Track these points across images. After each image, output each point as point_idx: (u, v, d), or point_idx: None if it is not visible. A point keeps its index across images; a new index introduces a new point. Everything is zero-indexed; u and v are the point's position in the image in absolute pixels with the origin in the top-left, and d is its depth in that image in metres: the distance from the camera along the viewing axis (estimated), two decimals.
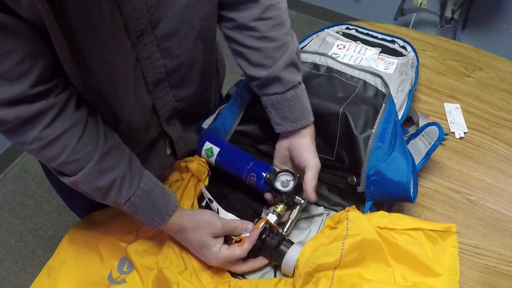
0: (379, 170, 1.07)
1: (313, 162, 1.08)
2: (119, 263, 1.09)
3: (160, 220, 1.00)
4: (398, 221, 1.03)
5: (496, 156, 1.35)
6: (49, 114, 0.84)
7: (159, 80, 1.03)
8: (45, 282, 1.08)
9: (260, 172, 1.13)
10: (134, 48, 0.92)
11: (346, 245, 0.97)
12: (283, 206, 1.10)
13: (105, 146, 0.92)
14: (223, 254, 1.02)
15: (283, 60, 1.07)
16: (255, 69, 1.09)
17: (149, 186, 0.99)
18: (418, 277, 0.99)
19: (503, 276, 1.10)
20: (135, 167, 0.98)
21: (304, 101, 1.11)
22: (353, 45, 1.49)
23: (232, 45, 1.12)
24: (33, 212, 2.65)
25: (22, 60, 0.77)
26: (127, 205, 0.97)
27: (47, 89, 0.83)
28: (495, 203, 1.24)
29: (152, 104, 1.07)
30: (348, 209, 1.04)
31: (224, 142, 1.20)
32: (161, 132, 1.17)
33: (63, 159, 0.88)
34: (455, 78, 1.58)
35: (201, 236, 1.02)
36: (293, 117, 1.10)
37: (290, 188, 1.08)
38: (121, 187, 0.95)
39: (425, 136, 1.20)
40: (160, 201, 1.01)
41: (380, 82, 1.22)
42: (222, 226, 1.04)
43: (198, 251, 1.04)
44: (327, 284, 0.96)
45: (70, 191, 0.97)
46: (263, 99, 1.12)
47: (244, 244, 1.03)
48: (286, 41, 1.09)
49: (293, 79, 1.09)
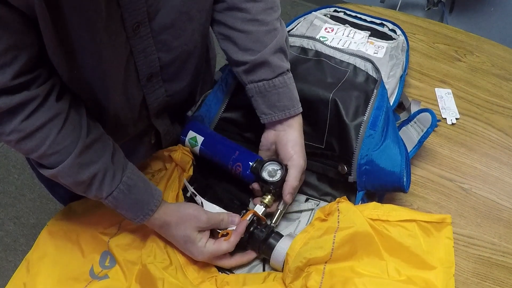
0: (371, 159, 1.04)
1: (297, 162, 1.06)
2: (101, 258, 1.05)
3: (143, 215, 0.97)
4: (391, 212, 1.00)
5: (489, 143, 1.33)
6: (30, 105, 0.82)
7: (153, 74, 1.01)
8: (24, 277, 1.04)
9: (246, 161, 1.09)
10: (129, 41, 0.90)
11: (337, 238, 0.95)
12: (270, 197, 1.07)
13: (88, 139, 0.89)
14: (209, 249, 1.00)
15: (272, 45, 1.04)
16: (243, 53, 1.06)
17: (132, 180, 0.96)
18: (412, 271, 0.97)
19: (498, 267, 1.08)
20: (118, 160, 0.95)
21: (293, 89, 1.08)
22: (342, 28, 1.46)
23: (220, 29, 1.09)
24: (14, 200, 2.62)
25: (6, 50, 0.75)
26: (109, 199, 0.94)
27: (29, 80, 0.81)
28: (489, 191, 1.22)
29: (142, 98, 1.05)
30: (339, 200, 1.01)
31: (208, 130, 1.17)
32: (149, 125, 1.15)
33: (42, 151, 0.85)
34: (446, 62, 1.56)
35: (186, 231, 0.99)
36: (281, 105, 1.06)
37: (278, 178, 1.06)
38: (103, 181, 0.92)
39: (417, 123, 1.17)
40: (143, 196, 0.98)
41: (371, 67, 1.19)
42: (207, 220, 1.01)
43: (183, 246, 1.01)
44: (318, 279, 0.94)
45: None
46: (249, 87, 1.08)
47: (231, 237, 1.01)
48: (276, 27, 1.07)
49: (282, 66, 1.06)
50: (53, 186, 1.27)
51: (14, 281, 1.04)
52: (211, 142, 1.15)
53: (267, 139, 1.12)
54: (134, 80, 0.99)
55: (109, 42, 0.84)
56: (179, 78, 1.09)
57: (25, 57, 0.78)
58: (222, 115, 1.21)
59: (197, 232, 1.00)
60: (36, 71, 0.82)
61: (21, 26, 0.74)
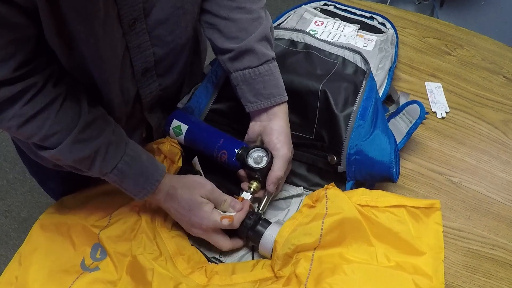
0: (360, 149, 1.04)
1: (282, 152, 1.05)
2: (91, 250, 1.05)
3: (149, 186, 0.97)
4: (379, 198, 1.00)
5: (479, 137, 1.33)
6: (30, 91, 0.83)
7: (147, 69, 1.02)
8: (16, 270, 1.04)
9: (232, 148, 1.09)
10: (124, 37, 0.91)
11: (325, 224, 0.95)
12: (257, 183, 1.06)
13: (89, 116, 0.90)
14: (215, 216, 0.99)
15: (257, 33, 1.05)
16: (228, 41, 1.06)
17: (135, 151, 0.97)
18: (401, 256, 0.97)
19: (487, 260, 1.09)
20: (120, 134, 0.96)
21: (278, 77, 1.08)
22: (331, 21, 1.46)
23: (205, 18, 1.09)
24: (6, 194, 2.61)
25: (6, 45, 0.76)
26: (114, 172, 0.94)
27: (30, 69, 0.82)
28: (478, 184, 1.23)
29: (136, 92, 1.05)
30: (327, 187, 1.01)
31: (192, 119, 1.17)
32: (141, 119, 1.15)
33: (43, 132, 0.86)
34: (436, 56, 1.56)
35: (192, 195, 0.99)
36: (266, 93, 1.06)
37: (264, 165, 1.05)
38: (107, 154, 0.92)
39: (406, 114, 1.18)
40: (148, 167, 0.98)
41: (359, 59, 1.19)
42: (212, 189, 1.02)
43: (188, 212, 1.00)
44: (306, 265, 0.94)
45: (42, 171, 0.95)
46: (234, 76, 1.08)
47: (237, 215, 1.01)
48: (261, 15, 1.07)
49: (267, 54, 1.06)
50: (45, 180, 1.28)
51: (7, 275, 1.04)
52: (196, 130, 1.14)
53: (253, 131, 1.11)
54: (128, 74, 0.99)
55: (106, 37, 0.85)
56: (172, 71, 1.10)
57: (25, 50, 0.79)
58: (211, 107, 1.21)
59: (203, 198, 1.00)
60: (36, 60, 0.82)
61: (22, 21, 0.75)
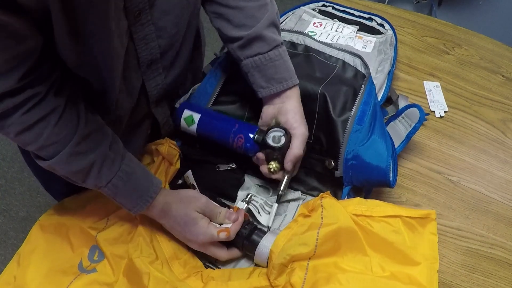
0: (357, 154, 1.04)
1: (300, 131, 1.05)
2: (89, 252, 1.05)
3: (142, 203, 0.97)
4: (375, 208, 1.00)
5: (477, 136, 1.33)
6: (32, 101, 0.83)
7: (153, 61, 1.02)
8: (15, 270, 1.05)
9: (248, 132, 1.08)
10: (130, 29, 0.91)
11: (321, 234, 0.95)
12: (276, 163, 1.06)
13: (86, 129, 0.90)
14: (212, 231, 0.99)
15: (265, 19, 1.05)
16: (237, 29, 1.07)
17: (130, 167, 0.97)
18: (396, 266, 0.96)
19: (486, 259, 1.09)
20: (117, 149, 0.96)
21: (288, 61, 1.09)
22: (330, 23, 1.46)
23: (212, 8, 1.10)
24: (4, 193, 2.60)
25: (13, 57, 0.76)
26: (109, 187, 0.94)
27: (34, 79, 0.82)
28: (477, 183, 1.23)
29: (141, 85, 1.05)
30: (323, 196, 1.01)
31: (203, 108, 1.16)
32: (147, 114, 1.15)
33: (41, 142, 0.86)
34: (434, 56, 1.56)
35: (186, 210, 0.99)
36: (279, 77, 1.06)
37: (282, 144, 1.04)
38: (102, 169, 0.92)
39: (405, 118, 1.17)
40: (142, 183, 0.98)
41: (359, 63, 1.19)
42: (206, 202, 1.02)
43: (184, 228, 1.00)
44: (301, 275, 0.94)
45: (46, 172, 0.94)
46: (245, 63, 1.08)
47: (232, 226, 1.01)
48: (267, 2, 1.08)
49: (276, 39, 1.07)
50: (49, 181, 1.28)
51: (5, 275, 1.05)
52: (209, 118, 1.14)
53: (267, 114, 1.11)
54: (134, 66, 0.99)
55: (117, 30, 0.85)
56: (176, 64, 1.10)
57: (30, 61, 0.79)
58: (211, 108, 1.20)
59: (198, 212, 1.00)
60: (39, 69, 0.82)
61: (29, 32, 0.75)
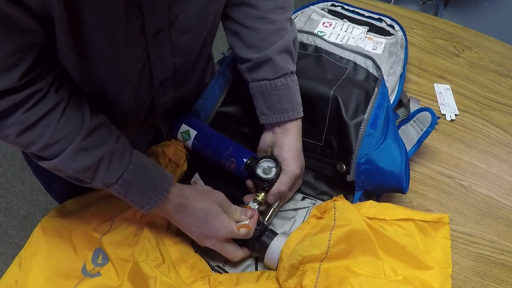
0: (370, 158, 1.02)
1: (289, 167, 1.04)
2: (93, 255, 1.03)
3: (157, 197, 0.93)
4: (388, 211, 0.99)
5: (488, 140, 1.32)
6: (33, 98, 0.80)
7: (166, 79, 1.01)
8: (16, 274, 1.03)
9: (241, 157, 1.08)
10: (147, 47, 0.89)
11: (333, 236, 0.93)
12: (264, 194, 1.05)
13: (92, 122, 0.86)
14: (232, 225, 0.98)
15: (278, 45, 1.03)
16: (248, 50, 1.05)
17: (141, 160, 0.93)
18: (409, 270, 0.95)
19: (497, 265, 1.08)
20: (124, 143, 0.92)
21: (295, 92, 1.06)
22: (340, 23, 1.44)
23: (229, 24, 1.08)
24: (5, 191, 2.59)
25: (15, 52, 0.74)
26: (120, 182, 0.89)
27: (34, 76, 0.79)
28: (488, 188, 1.22)
29: (150, 102, 1.04)
30: (336, 199, 1.00)
31: (201, 125, 1.15)
32: (151, 125, 1.15)
33: (44, 141, 0.83)
34: (444, 58, 1.55)
35: (207, 203, 0.97)
36: (280, 107, 1.05)
37: (272, 176, 1.04)
38: (111, 163, 0.88)
39: (416, 122, 1.16)
40: (155, 175, 0.94)
41: (371, 65, 1.17)
42: (223, 199, 1.01)
43: (204, 222, 0.97)
44: (313, 277, 0.92)
45: (47, 172, 0.91)
46: (252, 86, 1.07)
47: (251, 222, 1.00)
48: (286, 27, 1.05)
49: (286, 67, 1.04)
50: (50, 182, 1.27)
51: (6, 278, 1.03)
52: (204, 136, 1.13)
53: (264, 142, 1.10)
54: (146, 84, 0.98)
55: (126, 48, 0.83)
56: (188, 80, 1.09)
57: (32, 57, 0.77)
58: (218, 110, 1.19)
59: (218, 206, 0.98)
60: (41, 66, 0.80)
61: (33, 26, 0.73)
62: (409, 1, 3.22)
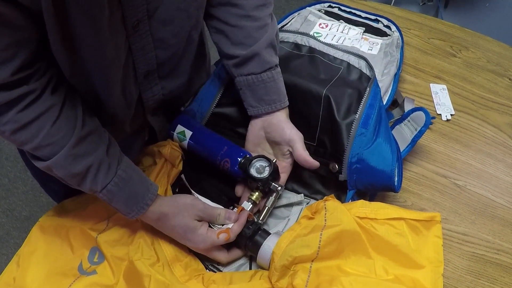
0: (362, 158, 1.03)
1: (297, 135, 1.07)
2: (89, 253, 1.05)
3: (137, 209, 0.96)
4: (379, 210, 1.00)
5: (484, 140, 1.32)
6: (28, 98, 0.82)
7: (149, 72, 1.02)
8: (14, 272, 1.04)
9: (235, 157, 1.09)
10: (128, 39, 0.91)
11: (324, 236, 0.94)
12: (258, 194, 1.06)
13: (83, 130, 0.89)
14: (211, 237, 0.99)
15: (263, 40, 1.06)
16: (234, 47, 1.07)
17: (127, 173, 0.95)
18: (400, 270, 0.96)
19: (492, 265, 1.08)
20: (113, 153, 0.95)
21: (280, 84, 1.09)
22: (336, 24, 1.45)
23: (213, 23, 1.10)
24: (7, 192, 2.60)
25: (7, 47, 0.75)
26: (104, 192, 0.93)
27: (29, 74, 0.81)
28: (483, 188, 1.22)
29: (138, 95, 1.05)
30: (327, 198, 1.01)
31: (197, 125, 1.16)
32: (143, 122, 1.16)
33: (37, 142, 0.85)
34: (441, 58, 1.55)
35: (184, 220, 0.98)
36: (268, 99, 1.07)
37: (266, 175, 1.04)
38: (98, 174, 0.91)
39: (411, 121, 1.16)
40: (138, 189, 0.97)
41: (364, 65, 1.18)
42: (204, 208, 1.01)
43: (183, 236, 1.00)
44: (304, 277, 0.93)
45: (44, 173, 0.93)
46: (238, 80, 1.09)
47: (233, 227, 1.00)
48: (267, 22, 1.08)
49: (271, 61, 1.07)
50: (47, 182, 1.27)
51: (5, 276, 1.04)
52: (200, 136, 1.14)
53: (255, 127, 1.12)
54: (131, 77, 0.99)
55: (111, 40, 0.84)
56: (175, 75, 1.10)
57: (25, 53, 0.78)
58: (214, 110, 1.19)
59: (196, 220, 0.99)
60: (35, 65, 0.82)
61: (23, 23, 0.74)
62: (409, 2, 3.22)
